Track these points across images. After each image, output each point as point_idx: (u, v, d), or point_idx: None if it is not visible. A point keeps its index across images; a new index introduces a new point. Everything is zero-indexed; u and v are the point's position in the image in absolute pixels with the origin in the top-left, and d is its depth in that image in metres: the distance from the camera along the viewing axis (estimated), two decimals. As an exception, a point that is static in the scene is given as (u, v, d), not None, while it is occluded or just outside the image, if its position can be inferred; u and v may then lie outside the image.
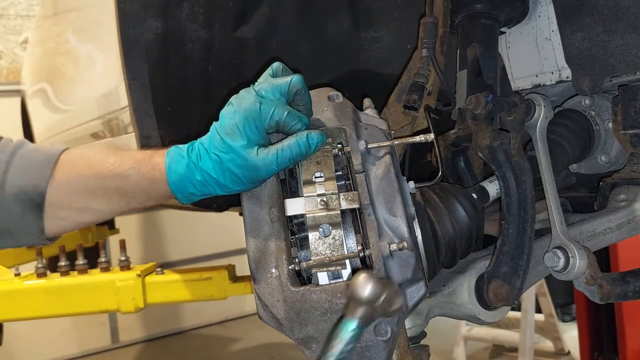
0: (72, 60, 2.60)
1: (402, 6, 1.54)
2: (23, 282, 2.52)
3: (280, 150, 0.87)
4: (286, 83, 0.89)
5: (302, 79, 0.91)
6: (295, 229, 0.89)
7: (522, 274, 1.08)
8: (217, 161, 0.88)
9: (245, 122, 0.87)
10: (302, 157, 0.89)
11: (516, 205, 1.10)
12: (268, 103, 0.88)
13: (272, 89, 0.89)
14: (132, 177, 0.94)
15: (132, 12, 1.41)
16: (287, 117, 0.88)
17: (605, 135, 1.34)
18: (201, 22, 1.44)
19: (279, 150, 0.87)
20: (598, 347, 3.29)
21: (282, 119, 0.88)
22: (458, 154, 1.25)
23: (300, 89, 0.90)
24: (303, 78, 0.91)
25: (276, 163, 0.87)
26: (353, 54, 1.62)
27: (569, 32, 1.24)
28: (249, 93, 0.90)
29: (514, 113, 1.13)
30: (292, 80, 0.90)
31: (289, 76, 0.91)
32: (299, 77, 0.91)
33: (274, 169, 0.88)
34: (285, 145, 0.87)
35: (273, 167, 0.87)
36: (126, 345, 5.07)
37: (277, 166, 0.87)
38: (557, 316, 4.11)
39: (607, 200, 1.30)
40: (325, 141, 0.90)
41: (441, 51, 1.24)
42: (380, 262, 0.83)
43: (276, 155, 0.87)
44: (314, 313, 0.83)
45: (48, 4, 3.10)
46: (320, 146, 0.89)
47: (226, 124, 0.88)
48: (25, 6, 5.37)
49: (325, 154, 0.91)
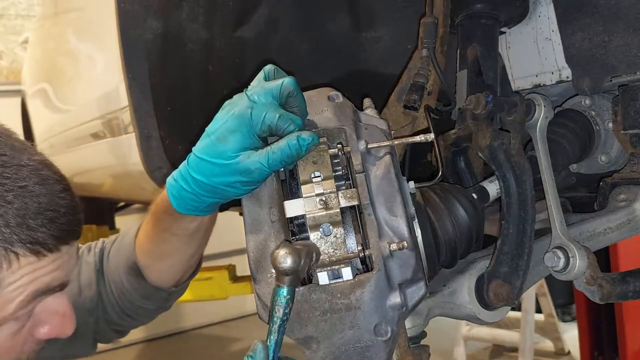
0: (72, 60, 2.60)
1: (402, 6, 1.54)
2: (23, 282, 2.51)
3: (270, 153, 0.87)
4: (277, 86, 0.89)
5: (295, 81, 0.90)
6: (296, 229, 0.89)
7: (522, 274, 1.08)
8: (208, 167, 0.89)
9: (236, 128, 0.87)
10: (293, 159, 0.88)
11: (516, 205, 1.09)
12: (259, 108, 0.88)
13: (264, 92, 0.89)
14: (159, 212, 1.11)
15: (132, 12, 1.41)
16: (279, 120, 0.87)
17: (605, 135, 1.34)
18: (201, 22, 1.44)
19: (270, 153, 0.87)
20: (598, 347, 3.30)
21: (274, 122, 0.87)
22: (458, 154, 1.25)
23: (293, 91, 0.90)
24: (295, 80, 0.91)
25: (267, 165, 0.87)
26: (353, 54, 1.62)
27: (569, 32, 1.24)
28: (241, 98, 0.90)
29: (514, 113, 1.13)
30: (284, 82, 0.89)
31: (281, 79, 0.90)
32: (290, 79, 0.90)
33: (265, 171, 0.88)
34: (275, 148, 0.87)
35: (264, 169, 0.87)
36: (126, 345, 5.07)
37: (268, 168, 0.87)
38: (557, 316, 4.11)
39: (607, 200, 1.30)
40: (317, 142, 0.89)
41: (441, 51, 1.24)
42: (380, 262, 0.83)
43: (267, 157, 0.87)
44: (314, 313, 0.83)
45: (48, 4, 3.11)
46: (312, 147, 0.88)
47: (217, 129, 0.89)
48: (26, 6, 5.37)
49: (322, 153, 0.91)
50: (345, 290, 0.83)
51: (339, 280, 0.85)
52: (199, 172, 0.91)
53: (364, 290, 0.82)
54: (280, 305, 0.76)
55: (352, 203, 0.87)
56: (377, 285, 0.83)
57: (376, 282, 0.83)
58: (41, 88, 3.41)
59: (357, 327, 0.82)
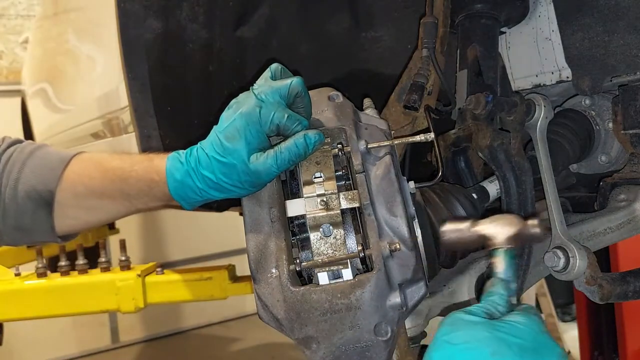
0: (72, 60, 2.60)
1: (402, 6, 1.54)
2: (23, 282, 2.52)
3: (279, 153, 0.87)
4: (286, 86, 0.89)
5: (302, 81, 0.91)
6: (297, 229, 0.89)
7: (522, 274, 1.08)
8: (217, 166, 0.88)
9: (245, 127, 0.87)
10: (301, 158, 0.88)
11: (516, 205, 1.10)
12: (268, 107, 0.88)
13: (272, 92, 0.89)
14: (132, 179, 0.98)
15: (132, 12, 1.41)
16: (287, 120, 0.88)
17: (605, 135, 1.34)
18: (201, 22, 1.44)
19: (278, 153, 0.87)
20: (598, 347, 3.29)
21: (282, 122, 0.87)
22: (458, 154, 1.25)
23: (300, 92, 0.90)
24: (302, 80, 0.91)
25: (276, 166, 0.87)
26: (353, 54, 1.62)
27: (569, 32, 1.24)
28: (248, 97, 0.90)
29: (514, 113, 1.13)
30: (292, 83, 0.89)
31: (289, 79, 0.90)
32: (298, 80, 0.90)
33: (274, 172, 0.88)
34: (283, 148, 0.87)
35: (273, 170, 0.87)
36: (126, 345, 5.07)
37: (277, 169, 0.87)
38: (557, 316, 4.11)
39: (607, 200, 1.30)
40: (323, 140, 0.90)
41: (441, 51, 1.24)
42: (380, 262, 0.83)
43: (275, 158, 0.87)
44: (314, 313, 0.83)
45: (48, 4, 3.10)
46: (318, 146, 0.89)
47: (226, 128, 0.88)
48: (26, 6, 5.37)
49: (325, 154, 0.91)
50: (345, 290, 0.83)
51: (339, 280, 0.85)
52: (208, 169, 0.90)
53: (364, 290, 0.82)
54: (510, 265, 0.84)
55: (353, 205, 0.87)
56: (377, 285, 0.83)
57: (376, 282, 0.82)
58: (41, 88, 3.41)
59: (357, 327, 0.82)
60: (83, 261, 2.56)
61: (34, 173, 1.02)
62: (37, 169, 1.02)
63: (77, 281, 2.49)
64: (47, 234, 1.04)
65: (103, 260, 2.58)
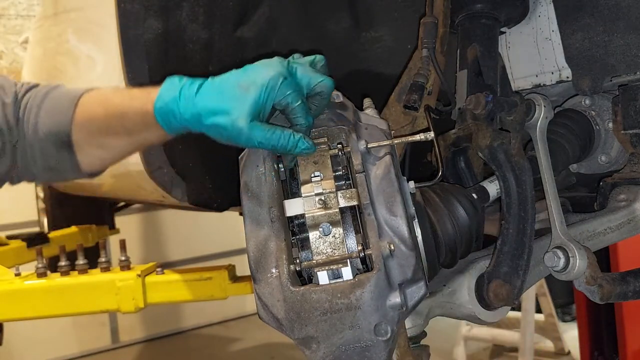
0: (72, 60, 2.60)
1: (402, 6, 1.54)
2: (23, 282, 2.51)
3: (270, 133, 0.87)
4: (317, 77, 0.91)
5: (333, 85, 0.92)
6: (296, 229, 0.89)
7: (522, 274, 1.08)
8: (212, 104, 0.89)
9: (262, 87, 0.87)
10: (284, 152, 0.89)
11: (516, 205, 1.09)
12: (289, 85, 0.88)
13: (303, 74, 0.90)
14: (130, 113, 0.99)
15: (132, 12, 1.41)
16: (298, 107, 0.89)
17: (605, 135, 1.34)
18: (201, 22, 1.44)
19: (268, 132, 0.87)
20: (598, 347, 3.29)
21: (292, 105, 0.88)
22: (458, 154, 1.25)
23: (324, 93, 0.91)
24: (334, 84, 0.92)
25: (258, 139, 0.87)
26: (353, 53, 1.62)
27: (569, 32, 1.24)
28: (282, 65, 0.90)
29: (514, 113, 1.13)
30: (325, 80, 0.91)
31: (323, 76, 0.92)
32: (331, 82, 0.92)
33: (254, 143, 0.88)
34: (277, 132, 0.87)
35: (254, 141, 0.88)
36: (126, 345, 5.07)
37: (257, 143, 0.88)
38: (557, 316, 4.11)
39: (607, 200, 1.30)
40: (312, 152, 0.90)
41: (441, 51, 1.24)
42: (380, 262, 0.83)
43: (264, 133, 0.87)
44: (314, 313, 0.83)
45: (48, 4, 3.10)
46: (303, 154, 0.90)
47: (245, 77, 0.89)
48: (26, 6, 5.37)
49: (323, 153, 0.91)
50: (345, 290, 0.83)
51: (339, 280, 0.85)
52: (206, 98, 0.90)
53: (364, 290, 0.82)
54: None
55: (351, 203, 0.87)
56: (377, 285, 0.83)
57: (376, 282, 0.83)
58: (41, 88, 3.41)
59: (357, 327, 0.82)
60: (83, 261, 2.56)
61: (48, 116, 1.06)
62: (50, 112, 1.06)
63: (77, 281, 2.49)
64: (75, 172, 1.10)
65: (103, 260, 2.58)
